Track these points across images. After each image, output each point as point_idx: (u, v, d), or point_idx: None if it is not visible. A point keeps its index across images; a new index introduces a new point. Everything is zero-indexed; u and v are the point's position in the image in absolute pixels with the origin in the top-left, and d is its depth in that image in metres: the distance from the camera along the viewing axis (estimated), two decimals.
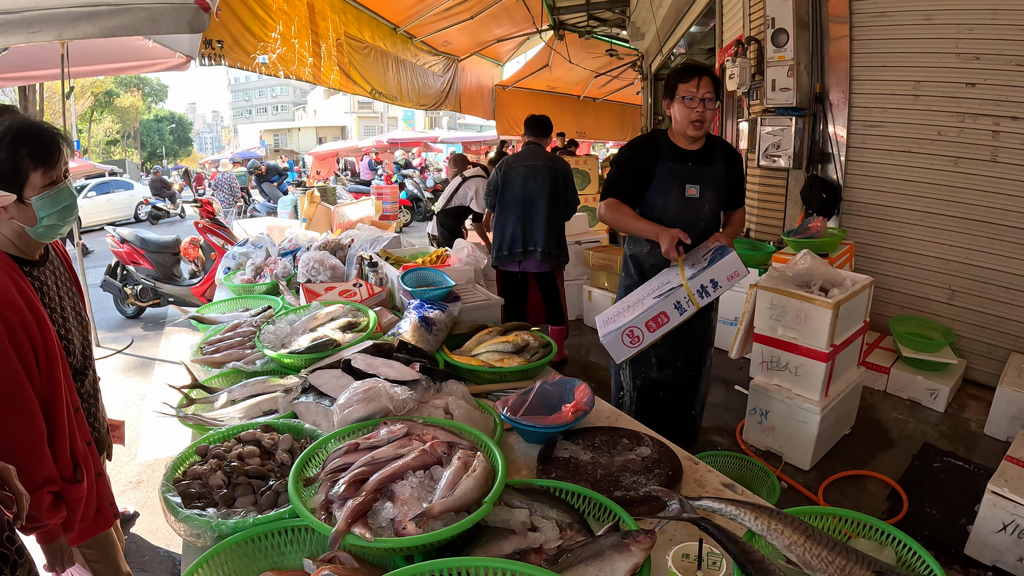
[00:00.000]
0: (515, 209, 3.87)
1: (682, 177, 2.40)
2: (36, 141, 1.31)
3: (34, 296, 1.34)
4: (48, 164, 1.33)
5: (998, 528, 2.13)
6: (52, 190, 1.35)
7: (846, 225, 4.19)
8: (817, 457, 2.90)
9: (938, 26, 3.55)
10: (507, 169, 3.90)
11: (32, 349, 1.28)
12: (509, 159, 3.97)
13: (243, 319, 2.31)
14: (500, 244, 3.95)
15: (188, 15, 3.12)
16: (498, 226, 3.96)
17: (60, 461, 1.33)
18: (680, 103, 2.30)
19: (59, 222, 1.38)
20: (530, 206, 3.86)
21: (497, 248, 3.97)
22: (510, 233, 3.90)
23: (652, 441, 1.51)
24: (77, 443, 1.39)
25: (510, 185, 3.88)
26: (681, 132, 2.38)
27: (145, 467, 3.17)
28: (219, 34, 4.09)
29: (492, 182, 3.99)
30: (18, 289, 1.29)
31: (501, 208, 3.93)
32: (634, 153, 2.48)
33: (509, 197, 3.88)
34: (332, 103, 37.72)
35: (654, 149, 2.43)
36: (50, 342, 1.32)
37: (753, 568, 0.96)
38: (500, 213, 3.94)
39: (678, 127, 2.38)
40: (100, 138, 30.24)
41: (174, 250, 6.01)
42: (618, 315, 2.35)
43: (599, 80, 12.35)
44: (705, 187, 2.41)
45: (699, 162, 2.41)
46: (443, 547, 1.06)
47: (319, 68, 5.25)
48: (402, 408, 1.46)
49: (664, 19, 7.88)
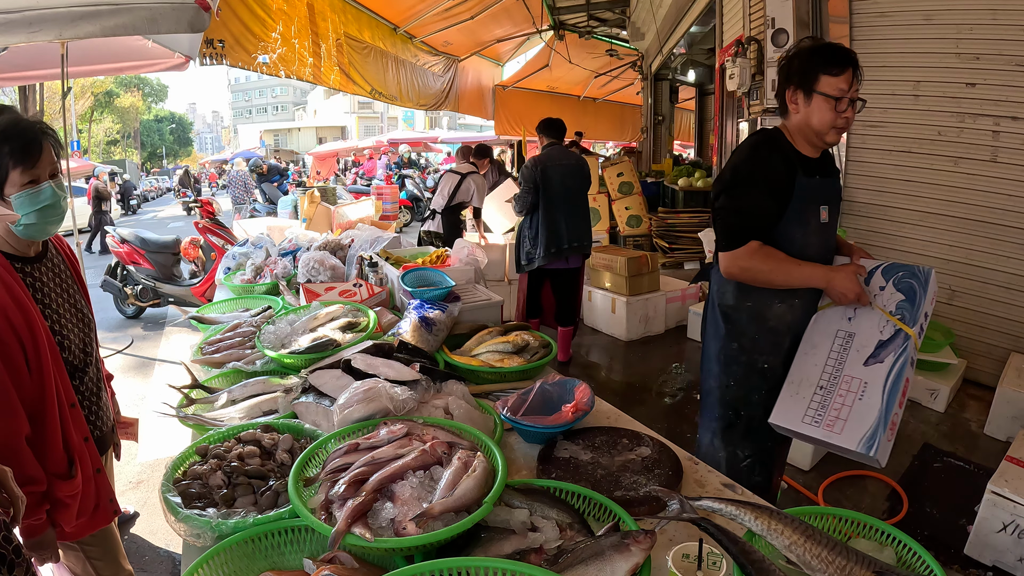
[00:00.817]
0: (560, 207, 3.94)
1: (816, 196, 1.78)
2: (17, 139, 1.31)
3: (23, 291, 1.34)
4: (27, 163, 1.33)
5: (998, 528, 2.13)
6: (32, 188, 1.35)
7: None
8: (817, 457, 2.90)
9: (938, 26, 3.55)
10: (544, 169, 3.95)
11: (20, 344, 1.28)
12: (542, 159, 4.02)
13: (243, 319, 2.31)
14: (548, 242, 3.95)
15: (188, 15, 3.12)
16: (544, 224, 3.96)
17: (52, 456, 1.33)
18: (823, 102, 1.67)
19: (39, 221, 1.38)
20: (572, 203, 4.00)
21: (545, 247, 3.96)
22: (560, 230, 3.95)
23: (652, 441, 1.51)
24: (72, 439, 1.39)
25: (551, 184, 3.94)
26: (814, 136, 1.74)
27: (145, 467, 3.17)
28: (220, 34, 4.10)
29: (531, 182, 3.96)
30: (5, 285, 1.29)
31: (545, 207, 3.94)
32: (771, 167, 1.73)
33: (552, 196, 3.94)
34: (332, 103, 37.74)
35: (787, 160, 1.74)
36: (39, 337, 1.32)
37: (753, 568, 0.96)
38: (545, 212, 3.95)
39: (812, 130, 1.73)
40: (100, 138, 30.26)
41: (174, 250, 6.01)
42: (829, 406, 1.61)
43: (599, 80, 12.35)
44: (832, 207, 1.84)
45: (825, 174, 1.82)
46: (443, 547, 1.06)
47: (319, 68, 5.26)
48: (402, 408, 1.46)
49: (664, 19, 7.88)
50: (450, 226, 5.65)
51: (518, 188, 4.29)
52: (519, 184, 4.17)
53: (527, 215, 4.06)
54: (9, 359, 1.26)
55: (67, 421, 1.38)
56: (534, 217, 4.01)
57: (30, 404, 1.30)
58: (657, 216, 7.64)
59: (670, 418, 3.59)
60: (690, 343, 4.74)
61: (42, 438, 1.31)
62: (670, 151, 11.24)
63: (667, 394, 3.89)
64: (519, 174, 4.20)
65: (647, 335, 4.94)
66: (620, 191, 7.89)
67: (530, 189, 3.98)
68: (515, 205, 4.13)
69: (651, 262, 4.86)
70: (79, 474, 1.38)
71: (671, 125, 11.07)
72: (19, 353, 1.28)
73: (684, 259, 7.17)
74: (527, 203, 4.01)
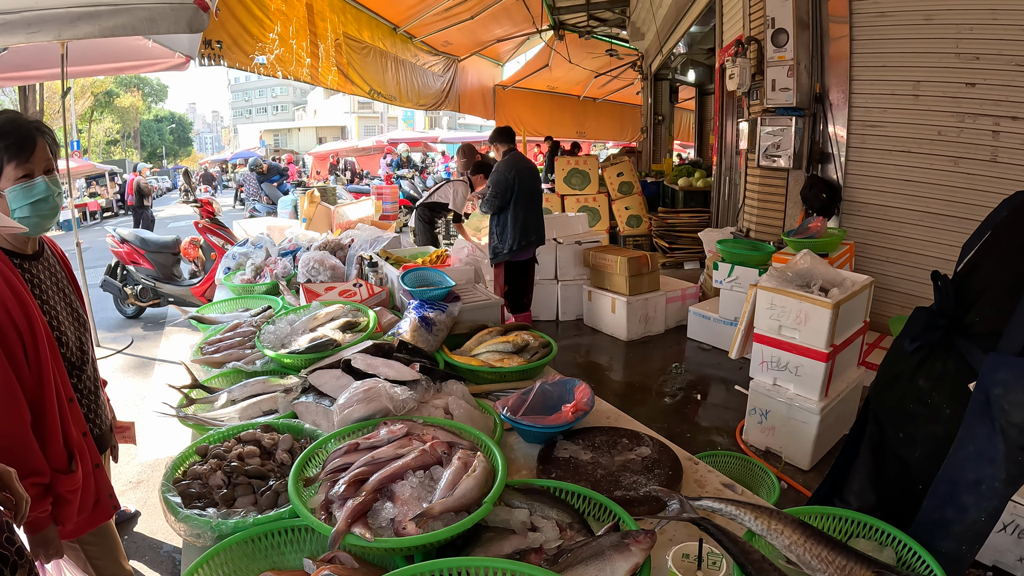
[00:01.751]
0: (526, 205, 4.43)
1: None
2: (12, 135, 1.36)
3: (23, 285, 1.35)
4: (21, 157, 1.36)
5: (998, 528, 2.12)
6: (26, 183, 1.38)
7: (846, 225, 4.19)
8: (817, 457, 2.90)
9: (938, 26, 3.55)
10: (517, 171, 4.41)
11: (19, 337, 1.29)
12: (512, 163, 4.44)
13: (243, 319, 2.31)
14: (517, 236, 4.41)
15: (187, 15, 3.13)
16: (514, 221, 4.40)
17: (52, 451, 1.33)
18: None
19: (32, 215, 1.41)
20: (534, 202, 4.54)
21: (515, 240, 4.41)
22: (526, 225, 4.43)
23: (652, 441, 1.51)
24: (71, 433, 1.39)
25: (522, 184, 4.40)
26: None
27: (145, 467, 3.17)
28: (218, 34, 4.10)
29: (505, 184, 4.36)
30: (4, 278, 1.30)
31: (516, 205, 4.39)
32: None
33: (520, 195, 4.40)
34: (332, 103, 37.72)
35: None
36: (38, 330, 1.33)
37: (753, 568, 0.96)
38: (515, 209, 4.39)
39: None
40: (100, 138, 30.25)
41: (174, 250, 6.01)
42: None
43: (599, 80, 12.35)
44: None
45: None
46: (443, 547, 1.06)
47: (316, 69, 5.26)
48: (402, 408, 1.46)
49: (664, 19, 7.88)
50: (422, 222, 6.13)
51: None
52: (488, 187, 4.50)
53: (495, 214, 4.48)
54: (9, 352, 1.27)
55: (66, 416, 1.39)
56: (503, 215, 4.43)
57: (29, 398, 1.30)
58: (657, 216, 7.65)
59: (670, 418, 3.59)
60: (690, 343, 4.75)
61: (42, 432, 1.32)
62: (669, 150, 11.25)
63: (667, 394, 3.90)
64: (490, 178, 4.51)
65: (647, 335, 4.94)
66: (620, 191, 7.89)
67: (502, 192, 4.37)
68: (484, 206, 4.50)
69: (651, 262, 4.86)
70: (79, 468, 1.38)
71: (671, 125, 11.07)
72: (18, 346, 1.29)
73: (684, 259, 7.17)
74: (500, 204, 4.41)
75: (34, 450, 1.29)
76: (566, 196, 7.78)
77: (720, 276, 4.40)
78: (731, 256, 4.34)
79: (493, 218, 4.55)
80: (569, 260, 5.31)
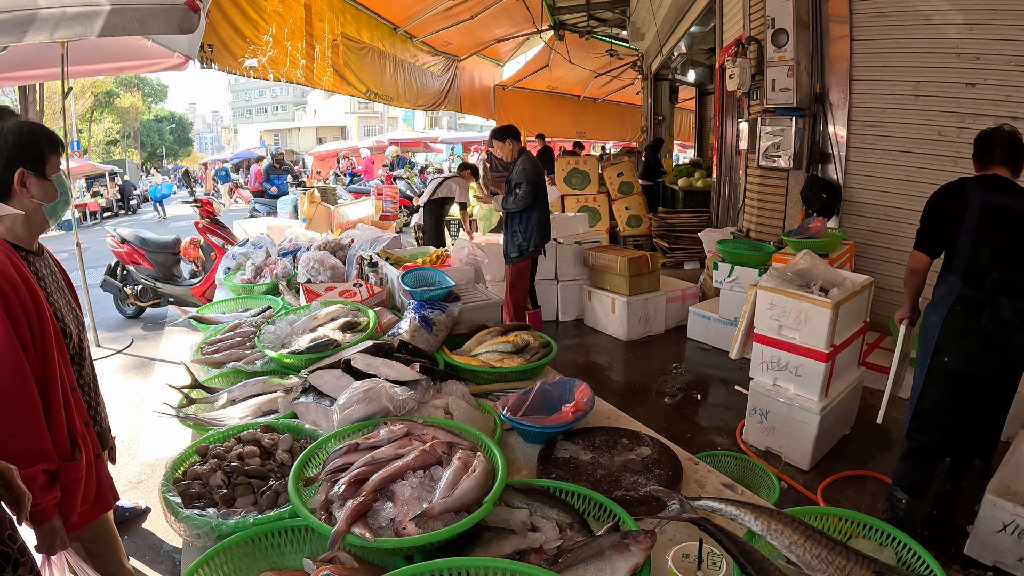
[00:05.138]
0: (544, 202, 4.50)
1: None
2: (48, 132, 1.53)
3: (31, 276, 1.38)
4: (58, 151, 1.53)
5: (998, 528, 2.12)
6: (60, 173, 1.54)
7: (846, 225, 4.19)
8: (817, 457, 2.90)
9: (938, 26, 3.55)
10: (539, 169, 4.48)
11: (27, 323, 1.31)
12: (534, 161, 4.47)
13: (243, 319, 2.31)
14: (543, 235, 4.47)
15: (178, 16, 3.13)
16: (539, 219, 4.43)
17: (57, 438, 1.34)
18: None
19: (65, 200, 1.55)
20: (547, 200, 4.60)
21: (540, 238, 4.45)
22: (546, 222, 4.52)
23: (652, 441, 1.51)
24: (75, 422, 1.41)
25: (542, 181, 4.47)
26: None
27: (145, 467, 3.17)
28: (208, 38, 4.09)
29: (537, 181, 4.35)
30: (16, 267, 1.33)
31: (540, 202, 4.42)
32: None
33: (542, 191, 4.46)
34: (332, 103, 37.68)
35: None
36: (44, 319, 1.35)
37: (753, 568, 0.96)
38: (540, 206, 4.43)
39: None
40: (100, 138, 30.22)
41: (174, 250, 6.00)
42: None
43: (599, 80, 12.35)
44: None
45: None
46: (443, 547, 1.06)
47: (311, 70, 5.24)
48: (402, 408, 1.46)
49: (664, 19, 7.88)
50: (432, 218, 6.38)
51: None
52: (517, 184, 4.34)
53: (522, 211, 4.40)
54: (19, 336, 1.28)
55: (70, 404, 1.40)
56: (529, 212, 4.37)
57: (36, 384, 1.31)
58: (657, 216, 7.65)
59: (670, 418, 3.59)
60: (690, 343, 4.74)
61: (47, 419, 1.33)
62: (669, 150, 11.24)
63: (667, 394, 3.90)
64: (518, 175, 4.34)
65: (647, 335, 4.94)
66: (620, 191, 7.88)
67: (537, 188, 4.33)
68: (514, 203, 4.34)
69: (651, 262, 4.86)
70: (83, 456, 1.39)
71: (671, 125, 11.07)
72: (26, 331, 1.30)
73: (684, 259, 7.17)
74: (530, 202, 4.32)
75: (44, 434, 1.30)
76: (566, 196, 7.77)
77: (720, 276, 4.40)
78: (731, 256, 4.34)
79: (516, 216, 4.39)
80: (569, 260, 5.31)
